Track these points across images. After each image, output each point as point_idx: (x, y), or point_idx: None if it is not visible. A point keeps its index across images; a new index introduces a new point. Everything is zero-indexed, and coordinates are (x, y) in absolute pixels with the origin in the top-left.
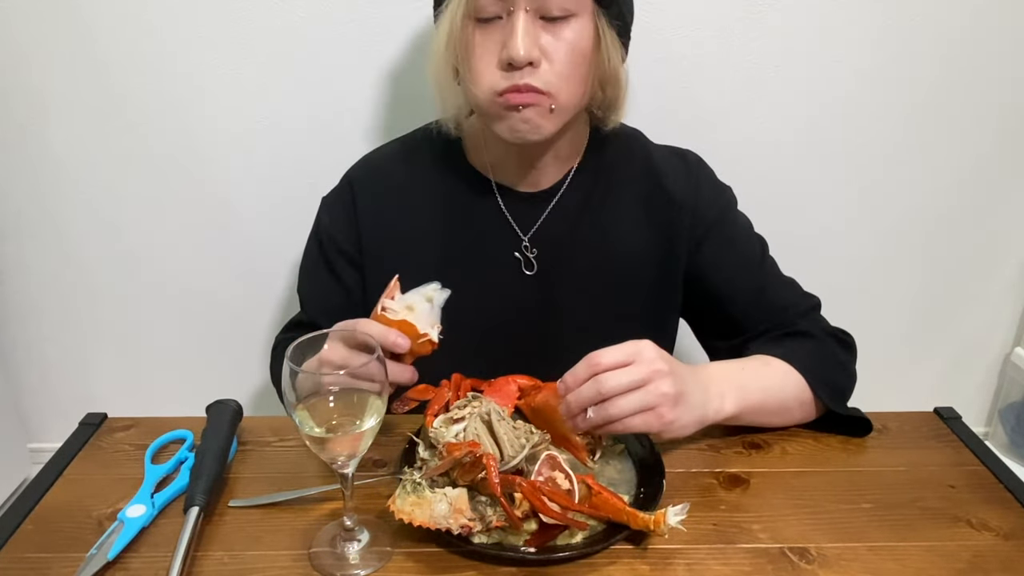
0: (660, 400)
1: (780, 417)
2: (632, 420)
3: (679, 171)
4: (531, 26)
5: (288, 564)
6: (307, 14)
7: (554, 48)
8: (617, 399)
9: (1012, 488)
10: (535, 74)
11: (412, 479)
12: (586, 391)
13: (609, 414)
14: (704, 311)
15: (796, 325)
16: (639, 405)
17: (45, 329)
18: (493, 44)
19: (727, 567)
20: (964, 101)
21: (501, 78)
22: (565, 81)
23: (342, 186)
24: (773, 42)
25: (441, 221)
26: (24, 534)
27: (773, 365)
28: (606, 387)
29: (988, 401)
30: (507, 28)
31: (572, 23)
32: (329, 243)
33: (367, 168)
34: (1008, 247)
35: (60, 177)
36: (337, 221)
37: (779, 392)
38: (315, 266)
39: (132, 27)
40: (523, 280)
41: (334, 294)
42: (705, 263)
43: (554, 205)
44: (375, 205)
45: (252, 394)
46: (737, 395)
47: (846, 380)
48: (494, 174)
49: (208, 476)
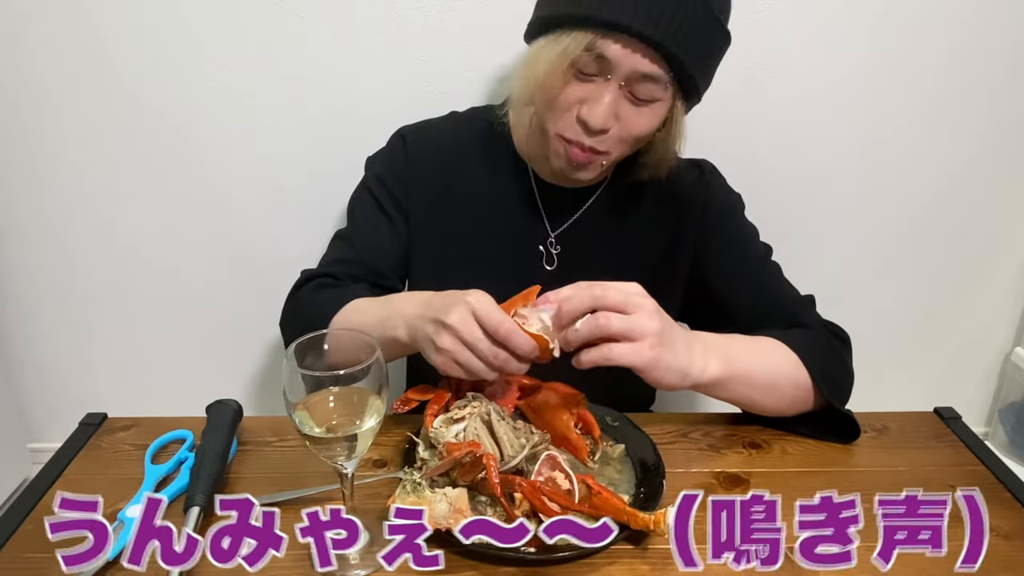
0: (647, 333)
1: (770, 395)
2: (617, 347)
3: (693, 176)
4: (617, 99)
5: (288, 564)
6: (308, 14)
7: (627, 120)
8: (608, 313)
9: (1012, 488)
10: (601, 139)
11: (412, 479)
12: (580, 297)
13: (598, 324)
14: (704, 310)
15: (795, 320)
16: (625, 328)
17: (45, 329)
18: (579, 94)
19: (727, 567)
20: (964, 101)
21: (570, 128)
22: (625, 145)
23: (393, 140)
24: (772, 43)
25: (479, 196)
26: (24, 534)
27: (765, 343)
28: (599, 295)
29: (988, 401)
30: (596, 91)
31: (653, 107)
32: (380, 189)
33: (419, 128)
34: (1008, 247)
35: (60, 177)
36: (389, 170)
37: (770, 369)
38: (367, 210)
39: (133, 27)
40: (543, 275)
41: (387, 236)
42: (708, 262)
43: (585, 210)
44: (424, 162)
45: (252, 394)
46: (724, 360)
47: (843, 373)
48: (533, 164)
49: (208, 476)
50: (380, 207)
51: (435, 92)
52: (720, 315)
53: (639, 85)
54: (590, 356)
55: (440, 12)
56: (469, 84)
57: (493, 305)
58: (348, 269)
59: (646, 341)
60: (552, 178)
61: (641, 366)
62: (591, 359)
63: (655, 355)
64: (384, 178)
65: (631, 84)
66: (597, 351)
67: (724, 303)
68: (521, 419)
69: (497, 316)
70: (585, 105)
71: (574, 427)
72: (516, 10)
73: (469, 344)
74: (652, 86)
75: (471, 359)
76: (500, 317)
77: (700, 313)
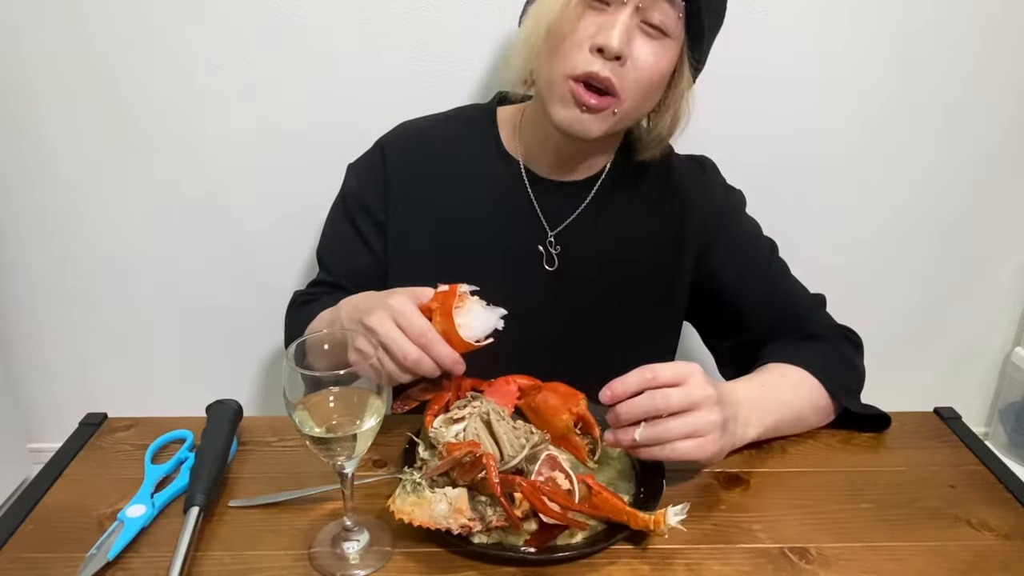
0: (710, 428)
1: (797, 426)
2: (680, 444)
3: (695, 175)
4: (631, 25)
5: (288, 564)
6: (309, 14)
7: (642, 56)
8: (668, 420)
9: (1012, 488)
10: (617, 71)
11: (412, 479)
12: (639, 404)
13: (659, 434)
14: (711, 311)
15: (807, 328)
16: (690, 430)
17: (45, 329)
18: (592, 28)
19: (727, 567)
20: (964, 101)
21: (585, 61)
22: (638, 90)
23: (373, 150)
24: (773, 43)
25: (470, 200)
26: (24, 534)
27: (789, 376)
28: (661, 404)
29: (988, 401)
30: (609, 19)
31: (664, 43)
32: (355, 203)
33: (401, 134)
34: (1008, 247)
35: (60, 177)
36: (365, 183)
37: (796, 405)
38: (340, 226)
39: (133, 28)
40: (543, 275)
41: (359, 253)
42: (714, 262)
43: (583, 208)
44: (405, 171)
45: (252, 394)
46: (758, 418)
47: (857, 381)
48: (527, 161)
49: (208, 476)
50: (353, 224)
51: (436, 93)
52: (734, 322)
53: (653, 9)
54: (651, 453)
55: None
56: (471, 82)
57: (414, 312)
58: (327, 290)
59: (709, 437)
60: (547, 172)
61: (705, 461)
62: (652, 456)
63: (717, 448)
64: (359, 191)
65: (645, 9)
66: (660, 450)
67: (737, 310)
68: (521, 419)
69: (419, 324)
70: (600, 34)
71: (574, 427)
72: (518, 11)
73: (385, 345)
74: (666, 8)
75: (384, 359)
76: (422, 326)
77: (714, 321)
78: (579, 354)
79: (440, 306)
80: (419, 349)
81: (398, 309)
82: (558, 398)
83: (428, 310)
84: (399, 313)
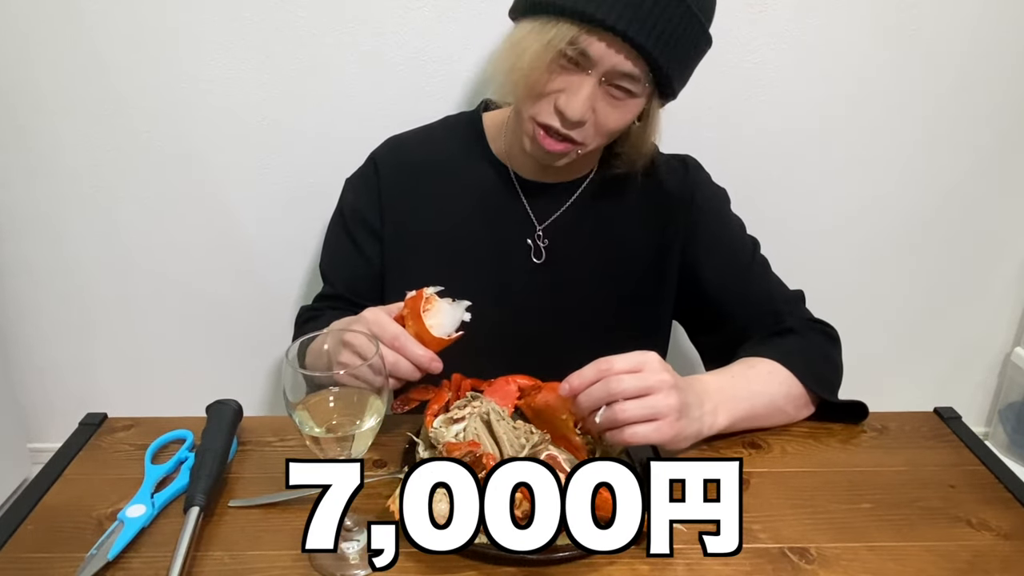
0: (666, 411)
1: (772, 419)
2: (638, 428)
3: (678, 173)
4: (595, 94)
5: (288, 564)
6: (309, 14)
7: (604, 114)
8: (625, 403)
9: (1012, 488)
10: (577, 129)
11: None
12: (596, 391)
13: (616, 417)
14: (694, 305)
15: (782, 323)
16: (646, 412)
17: (45, 329)
18: (559, 83)
19: (727, 567)
20: (964, 101)
21: (548, 114)
22: (600, 138)
23: (367, 164)
24: (772, 43)
25: (460, 203)
26: (24, 534)
27: (759, 367)
28: (616, 388)
29: (988, 401)
30: (575, 83)
31: (629, 102)
32: (352, 217)
33: (391, 148)
34: (1008, 247)
35: (60, 177)
36: (361, 197)
37: (768, 394)
38: (339, 240)
39: (133, 28)
40: (531, 267)
41: (358, 266)
42: (697, 259)
43: (571, 203)
44: (398, 182)
45: (252, 394)
46: (728, 407)
47: (833, 372)
48: (513, 164)
49: (208, 476)
50: (351, 237)
51: (437, 95)
52: (715, 318)
53: (618, 82)
54: (612, 437)
55: (441, 13)
56: (472, 83)
57: (387, 320)
58: (331, 304)
59: (666, 420)
60: (533, 175)
61: (663, 443)
62: (614, 442)
63: (675, 431)
64: (356, 205)
65: (610, 80)
66: (619, 434)
67: (717, 306)
68: (521, 419)
69: (391, 330)
70: (563, 95)
71: (574, 427)
72: None
73: (361, 354)
74: (630, 83)
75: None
76: (394, 331)
77: (696, 316)
78: (570, 347)
79: (410, 311)
80: (395, 352)
81: (371, 320)
82: (558, 398)
83: (401, 318)
84: (372, 323)
